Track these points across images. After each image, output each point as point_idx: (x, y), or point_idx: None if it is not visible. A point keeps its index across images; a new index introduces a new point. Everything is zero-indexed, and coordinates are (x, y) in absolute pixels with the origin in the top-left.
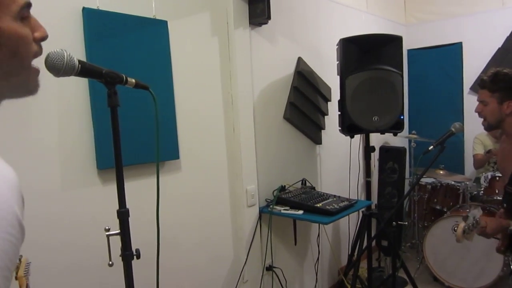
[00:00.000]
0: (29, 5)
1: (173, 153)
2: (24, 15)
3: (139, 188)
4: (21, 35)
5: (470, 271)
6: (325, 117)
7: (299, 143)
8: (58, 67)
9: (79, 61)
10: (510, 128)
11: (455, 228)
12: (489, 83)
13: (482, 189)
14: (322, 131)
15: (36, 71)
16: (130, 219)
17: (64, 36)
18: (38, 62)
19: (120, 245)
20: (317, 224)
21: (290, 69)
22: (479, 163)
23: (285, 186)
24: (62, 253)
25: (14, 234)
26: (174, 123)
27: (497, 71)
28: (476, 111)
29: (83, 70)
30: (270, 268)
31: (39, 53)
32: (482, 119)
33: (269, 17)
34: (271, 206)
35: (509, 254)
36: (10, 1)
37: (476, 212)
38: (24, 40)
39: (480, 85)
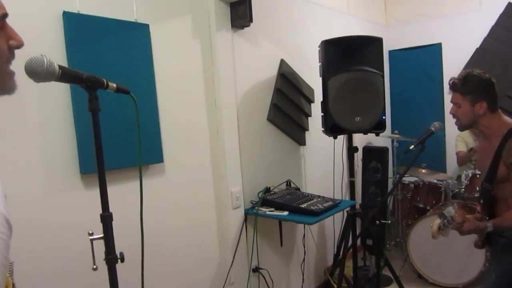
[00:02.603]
0: (5, 15)
1: (157, 156)
2: (0, 25)
3: (123, 192)
4: None
5: (453, 268)
6: (309, 118)
7: (283, 144)
8: (39, 73)
9: (60, 66)
10: (484, 128)
11: (432, 225)
12: (460, 86)
13: (463, 186)
14: (306, 132)
15: (12, 74)
16: (114, 224)
17: (44, 40)
18: (18, 66)
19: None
20: (303, 225)
21: (273, 71)
22: (462, 160)
23: (270, 187)
24: (47, 259)
25: (4, 232)
26: (158, 127)
27: (467, 73)
28: (450, 112)
29: (64, 76)
30: (256, 270)
31: (11, 58)
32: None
33: (251, 20)
34: (256, 207)
35: (487, 248)
36: None
37: (451, 209)
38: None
39: (451, 88)
